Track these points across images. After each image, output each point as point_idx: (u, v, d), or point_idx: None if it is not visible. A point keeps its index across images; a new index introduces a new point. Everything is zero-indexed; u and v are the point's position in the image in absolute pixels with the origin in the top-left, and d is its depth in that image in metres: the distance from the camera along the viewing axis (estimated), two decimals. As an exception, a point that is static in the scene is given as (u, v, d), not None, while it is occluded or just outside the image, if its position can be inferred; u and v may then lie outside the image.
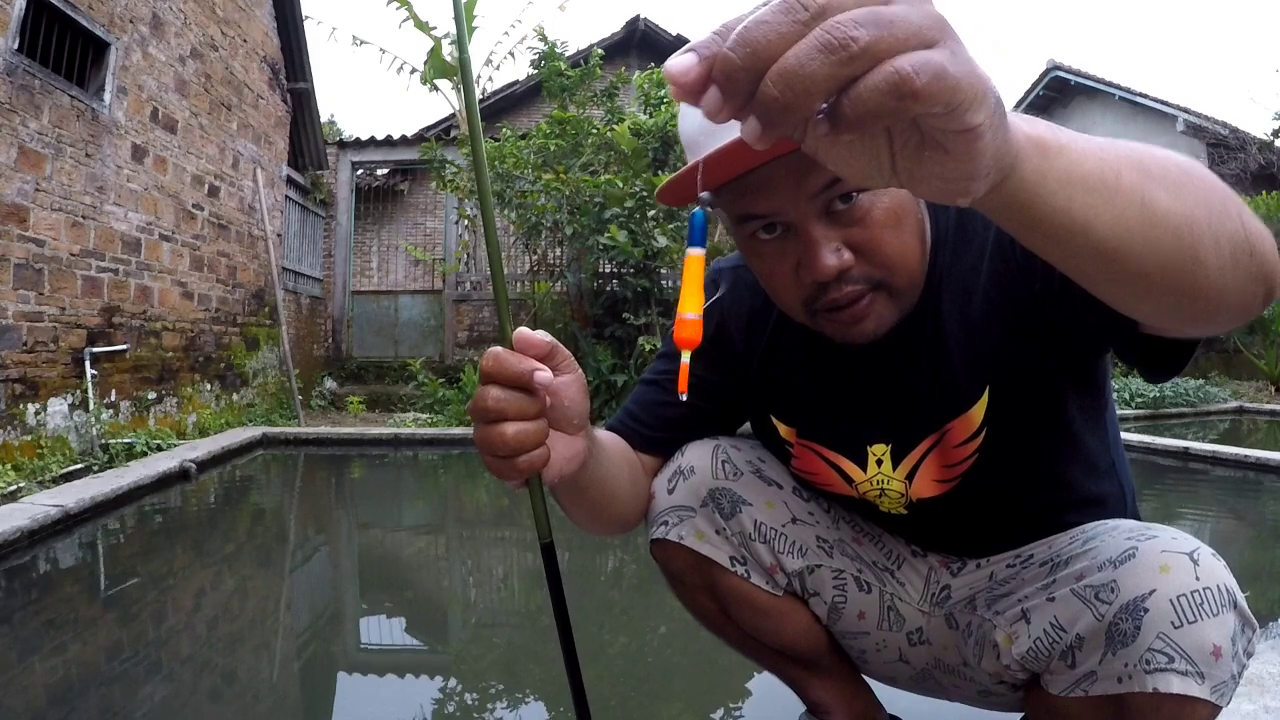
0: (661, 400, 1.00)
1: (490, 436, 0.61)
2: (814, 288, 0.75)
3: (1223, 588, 0.67)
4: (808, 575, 0.99)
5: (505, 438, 0.61)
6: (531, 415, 0.62)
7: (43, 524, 2.78)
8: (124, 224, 4.87)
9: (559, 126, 6.98)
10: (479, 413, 0.62)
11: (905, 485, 0.90)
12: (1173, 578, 0.67)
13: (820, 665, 1.06)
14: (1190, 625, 0.66)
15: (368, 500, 4.34)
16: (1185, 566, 0.68)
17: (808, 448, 0.96)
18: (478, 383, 0.63)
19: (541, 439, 0.63)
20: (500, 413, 0.61)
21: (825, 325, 0.79)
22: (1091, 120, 14.82)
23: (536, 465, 0.63)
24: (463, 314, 9.15)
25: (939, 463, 0.88)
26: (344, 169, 9.52)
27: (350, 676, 1.84)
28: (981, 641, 0.87)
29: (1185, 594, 0.67)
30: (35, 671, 1.78)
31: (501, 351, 0.62)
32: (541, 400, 0.63)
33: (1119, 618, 0.68)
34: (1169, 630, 0.66)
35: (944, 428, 0.86)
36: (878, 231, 0.73)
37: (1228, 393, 7.65)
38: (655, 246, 6.34)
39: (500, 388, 0.61)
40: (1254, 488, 3.88)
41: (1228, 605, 0.67)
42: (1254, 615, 0.70)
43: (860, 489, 0.93)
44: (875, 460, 0.91)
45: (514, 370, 0.61)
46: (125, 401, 4.87)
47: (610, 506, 0.91)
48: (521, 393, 0.61)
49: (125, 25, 4.86)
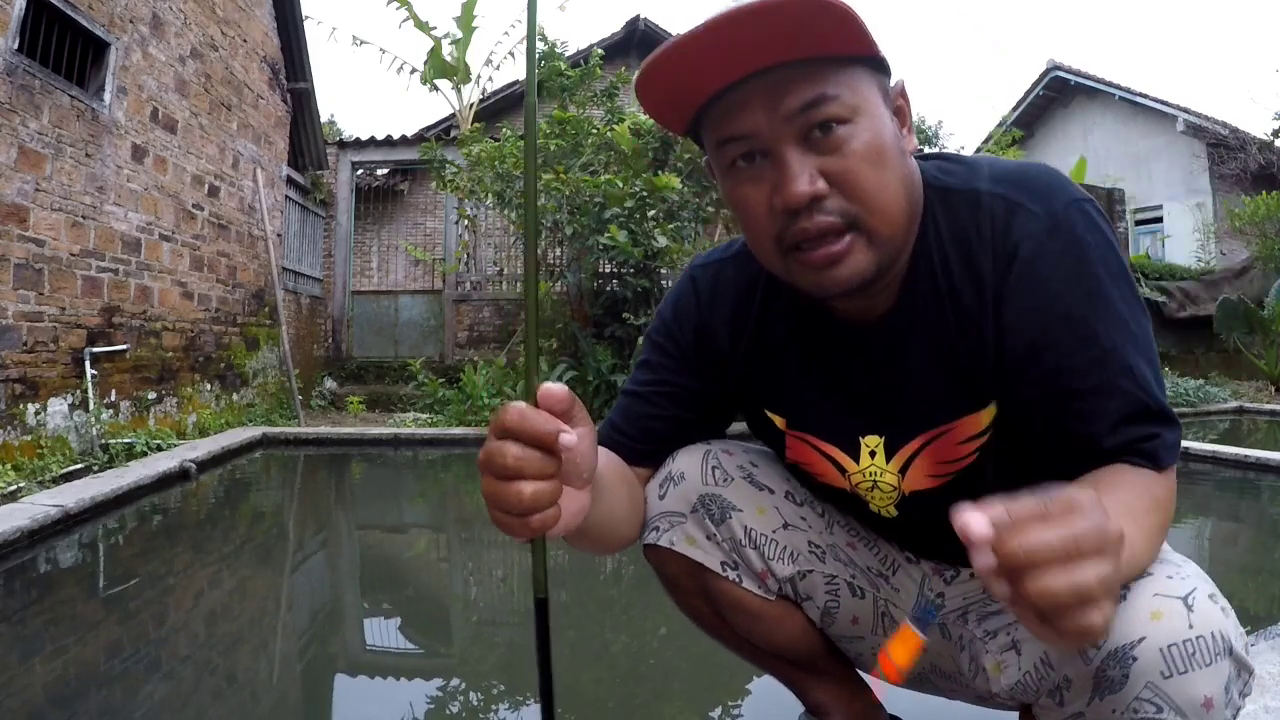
0: (646, 413, 0.97)
1: (505, 494, 0.59)
2: (786, 218, 0.72)
3: (1217, 635, 0.65)
4: (799, 581, 0.99)
5: (522, 498, 0.58)
6: (549, 475, 0.60)
7: (43, 524, 2.78)
8: (124, 224, 4.87)
9: (559, 126, 6.98)
10: (495, 469, 0.59)
11: (898, 478, 0.88)
12: (1164, 625, 0.65)
13: (817, 667, 1.06)
14: (1180, 676, 0.64)
15: (367, 500, 4.34)
16: (1178, 613, 0.66)
17: (800, 438, 0.94)
18: (490, 435, 0.60)
19: (556, 498, 0.61)
20: (519, 471, 0.58)
21: (799, 272, 0.75)
22: (1092, 120, 14.82)
23: (549, 524, 0.60)
24: (463, 314, 9.15)
25: (935, 457, 0.86)
26: (344, 169, 9.51)
27: (350, 676, 1.84)
28: (973, 659, 0.87)
29: (1177, 643, 0.65)
30: (35, 671, 1.78)
31: (525, 408, 0.59)
32: (559, 460, 0.60)
33: (1106, 664, 0.67)
34: (1158, 680, 0.64)
35: (949, 424, 0.84)
36: (855, 163, 0.71)
37: (1228, 393, 7.65)
38: (655, 246, 6.34)
39: (520, 445, 0.58)
40: (1254, 488, 3.88)
41: (1222, 653, 0.65)
42: (1253, 615, 0.70)
43: (853, 480, 0.92)
44: (868, 451, 0.89)
45: (539, 430, 0.58)
46: (125, 401, 4.87)
47: (612, 536, 0.90)
48: (541, 452, 0.59)
49: (125, 25, 4.86)
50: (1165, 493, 0.73)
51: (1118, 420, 0.73)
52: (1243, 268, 10.56)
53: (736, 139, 0.74)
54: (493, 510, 0.61)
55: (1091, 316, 0.74)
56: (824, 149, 0.71)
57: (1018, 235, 0.76)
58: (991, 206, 0.78)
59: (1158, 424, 0.74)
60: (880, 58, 0.74)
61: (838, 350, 0.88)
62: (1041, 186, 0.78)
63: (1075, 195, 0.77)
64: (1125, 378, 0.73)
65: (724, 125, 0.74)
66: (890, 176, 0.73)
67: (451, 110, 10.41)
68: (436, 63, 9.71)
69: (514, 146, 7.00)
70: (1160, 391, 0.75)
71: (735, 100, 0.72)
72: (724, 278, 0.96)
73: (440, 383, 6.73)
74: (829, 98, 0.70)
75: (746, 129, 0.73)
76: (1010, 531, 0.49)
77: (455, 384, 6.59)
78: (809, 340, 0.90)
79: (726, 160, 0.76)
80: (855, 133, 0.71)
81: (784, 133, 0.71)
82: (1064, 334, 0.75)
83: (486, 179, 7.04)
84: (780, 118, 0.71)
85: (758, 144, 0.73)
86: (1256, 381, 8.59)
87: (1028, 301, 0.76)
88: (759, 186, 0.74)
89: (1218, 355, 9.36)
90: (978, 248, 0.78)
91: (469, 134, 7.77)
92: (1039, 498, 0.51)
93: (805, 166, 0.71)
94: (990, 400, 0.82)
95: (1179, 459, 0.76)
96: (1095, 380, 0.74)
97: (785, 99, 0.70)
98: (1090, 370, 0.74)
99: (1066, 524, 0.49)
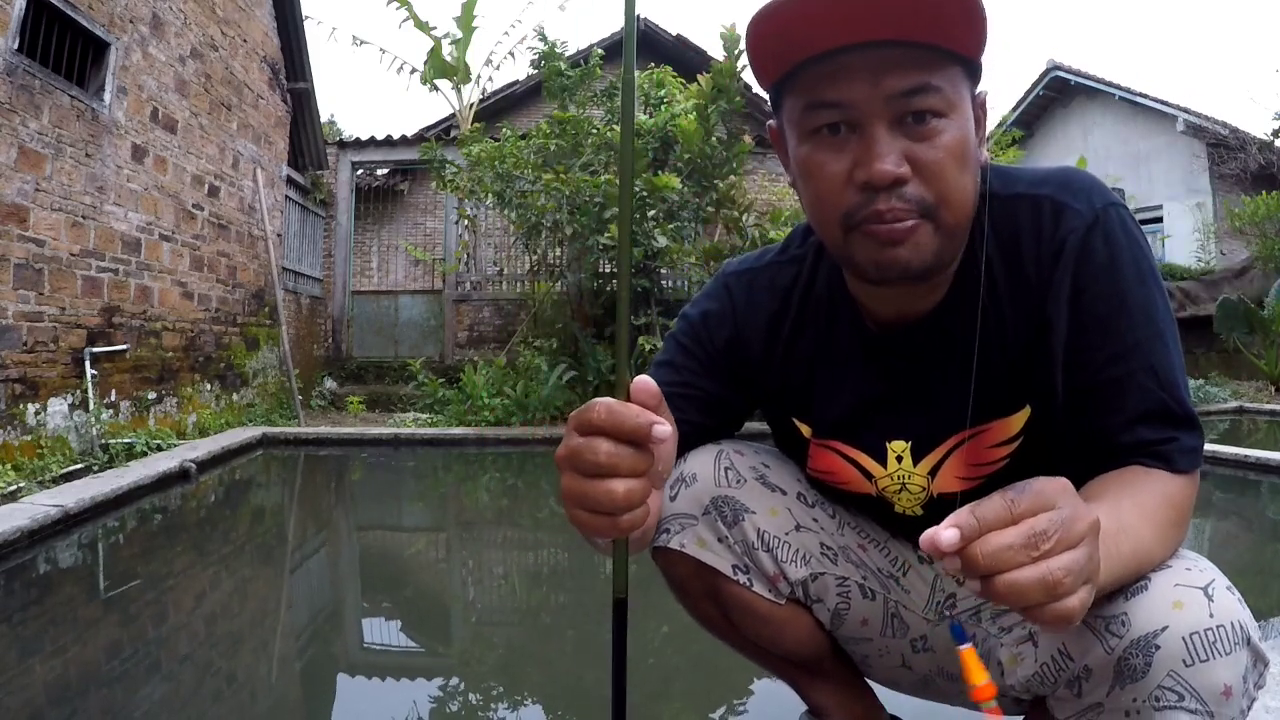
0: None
1: (596, 493, 0.56)
2: (863, 195, 0.72)
3: (1236, 624, 0.66)
4: (811, 583, 0.98)
5: (616, 496, 0.56)
6: (642, 471, 0.57)
7: (43, 524, 2.78)
8: (124, 224, 4.87)
9: (559, 126, 6.98)
10: (585, 466, 0.56)
11: (928, 480, 0.89)
12: (1186, 614, 0.66)
13: (822, 669, 1.06)
14: (1202, 664, 0.65)
15: (367, 500, 4.34)
16: (1199, 602, 0.66)
17: (826, 446, 0.94)
18: (571, 431, 0.58)
19: (647, 495, 0.58)
20: (613, 468, 0.56)
21: (859, 248, 0.74)
22: (1092, 120, 14.81)
23: (638, 523, 0.58)
24: (463, 314, 9.15)
25: (966, 460, 0.86)
26: (344, 169, 9.51)
27: (350, 677, 1.84)
28: (985, 657, 0.86)
29: (1199, 631, 0.65)
30: (35, 672, 1.78)
31: (614, 403, 0.57)
32: (651, 456, 0.58)
33: (1129, 652, 0.67)
34: (1180, 668, 0.65)
35: (980, 428, 0.84)
36: (943, 155, 0.71)
37: (1228, 393, 7.64)
38: (655, 246, 6.34)
39: (613, 442, 0.56)
40: (1254, 488, 3.88)
41: (1241, 643, 0.66)
42: (1253, 614, 0.70)
43: (880, 484, 0.92)
44: (895, 456, 0.89)
45: (632, 424, 0.56)
46: (125, 401, 4.87)
47: (646, 538, 0.90)
48: (633, 448, 0.57)
49: (125, 25, 4.86)
50: (1181, 493, 0.73)
51: (1134, 417, 0.74)
52: (1243, 268, 10.56)
53: (830, 105, 0.72)
54: (575, 510, 0.58)
55: (1119, 313, 0.75)
56: (915, 136, 0.71)
57: (1064, 231, 0.78)
58: (1040, 208, 0.79)
59: (1176, 426, 0.74)
60: (979, 63, 0.75)
61: (870, 356, 0.88)
62: (1084, 187, 0.79)
63: (1113, 198, 0.79)
64: (1147, 375, 0.74)
65: (820, 88, 0.73)
66: (968, 178, 0.74)
67: (451, 110, 10.42)
68: (436, 63, 9.71)
69: (514, 146, 6.99)
70: (1184, 394, 0.75)
71: (838, 66, 0.71)
72: (758, 287, 0.95)
73: (440, 383, 6.73)
74: (933, 88, 0.70)
75: (844, 97, 0.71)
76: (976, 535, 0.51)
77: (455, 384, 6.59)
78: (841, 347, 0.90)
79: (811, 125, 0.74)
80: (947, 127, 0.71)
81: (880, 111, 0.70)
82: (1091, 327, 0.76)
83: (486, 179, 7.04)
84: (881, 95, 0.70)
85: (851, 115, 0.72)
86: (1256, 381, 8.59)
87: (1066, 294, 0.77)
88: (840, 157, 0.73)
89: (1218, 355, 9.35)
90: (1026, 249, 0.79)
91: (469, 134, 7.77)
92: (1005, 495, 0.53)
93: (894, 147, 0.70)
94: (1024, 404, 0.82)
95: (1201, 464, 0.75)
96: (1115, 374, 0.75)
97: (891, 78, 0.70)
98: (1111, 364, 0.75)
99: (1030, 520, 0.52)
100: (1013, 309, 0.80)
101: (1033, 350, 0.80)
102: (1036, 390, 0.81)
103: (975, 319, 0.80)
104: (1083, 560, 0.52)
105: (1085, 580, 0.52)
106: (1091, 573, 0.53)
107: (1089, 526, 0.53)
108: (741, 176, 7.26)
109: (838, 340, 0.90)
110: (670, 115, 7.03)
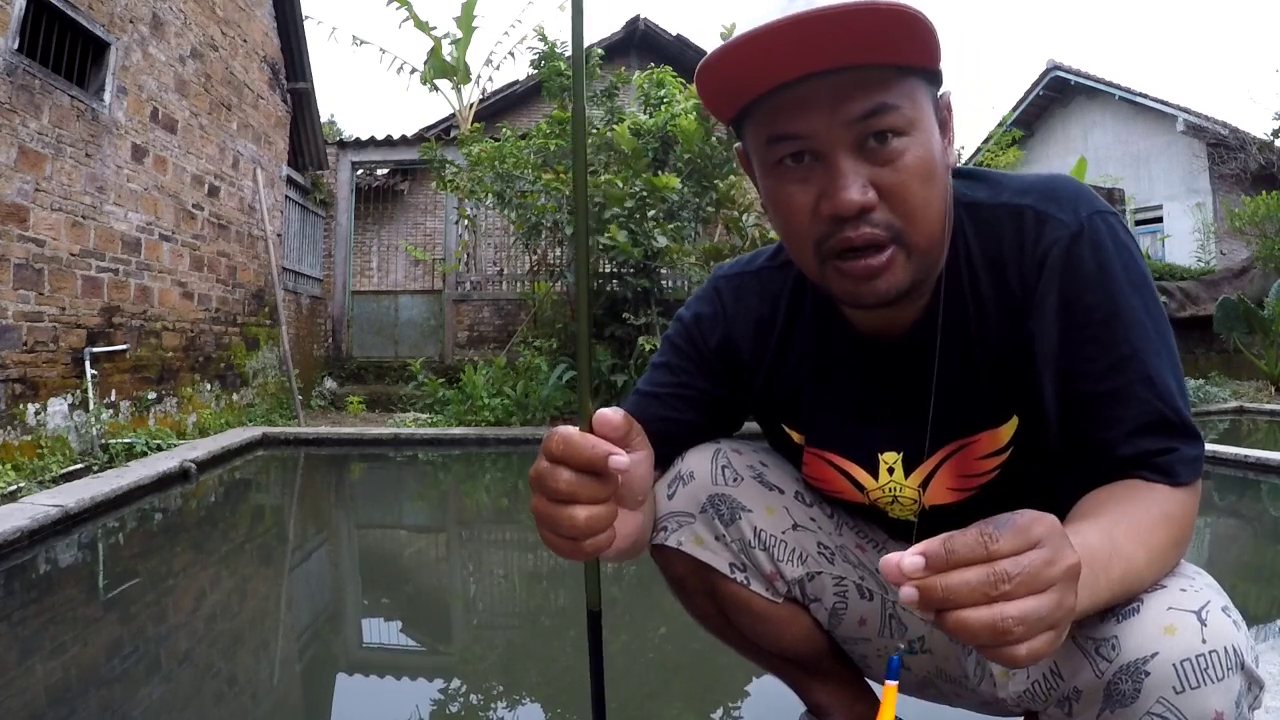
0: (661, 415, 0.96)
1: (558, 518, 0.59)
2: (831, 224, 0.72)
3: (1230, 649, 0.64)
4: (808, 582, 0.98)
5: (577, 522, 0.59)
6: (604, 499, 0.60)
7: (43, 524, 2.78)
8: (124, 224, 4.87)
9: (559, 126, 6.98)
10: (548, 492, 0.59)
11: (919, 493, 0.89)
12: (1178, 640, 0.64)
13: (821, 669, 1.06)
14: (1193, 691, 0.63)
15: (367, 500, 4.34)
16: (1192, 627, 0.65)
17: (818, 455, 0.94)
18: (541, 456, 0.60)
19: (611, 521, 0.61)
20: (572, 496, 0.59)
21: (835, 281, 0.75)
22: (1092, 120, 14.82)
23: (602, 548, 0.61)
24: (463, 314, 9.15)
25: (957, 471, 0.86)
26: (344, 169, 9.51)
27: (350, 676, 1.84)
28: (980, 663, 0.86)
29: (1190, 658, 0.64)
30: (35, 672, 1.78)
31: (571, 434, 0.59)
32: (614, 483, 0.60)
33: (1118, 677, 0.66)
34: (1170, 695, 0.64)
35: (968, 439, 0.84)
36: (907, 177, 0.70)
37: (1228, 393, 7.65)
38: (655, 246, 6.34)
39: (573, 471, 0.59)
40: (1254, 488, 3.88)
41: (1234, 668, 0.64)
42: (1253, 615, 0.70)
43: (871, 496, 0.92)
44: (886, 468, 0.89)
45: (586, 455, 0.58)
46: (125, 401, 4.87)
47: (640, 545, 0.90)
48: (594, 477, 0.59)
49: (125, 25, 4.86)
50: (1180, 509, 0.71)
51: (1133, 429, 0.73)
52: (1243, 268, 10.57)
53: (790, 137, 0.72)
54: (543, 531, 0.60)
55: (1113, 322, 0.74)
56: (878, 159, 0.70)
57: (1047, 242, 0.77)
58: (1023, 218, 0.78)
59: (1176, 437, 0.72)
60: (938, 70, 0.74)
61: (858, 366, 0.88)
62: (1068, 196, 0.78)
63: (1100, 206, 0.78)
64: (1144, 385, 0.73)
65: (778, 122, 0.72)
66: (935, 194, 0.73)
67: (451, 110, 10.42)
68: (436, 63, 9.72)
69: (514, 146, 6.99)
70: (1182, 403, 0.74)
71: (794, 98, 0.71)
72: (748, 291, 0.95)
73: (440, 383, 6.73)
74: (890, 107, 0.70)
75: (803, 129, 0.71)
76: (942, 567, 0.50)
77: (455, 384, 6.59)
78: (830, 356, 0.90)
79: (774, 157, 0.74)
80: (910, 146, 0.71)
81: (841, 138, 0.70)
82: (1084, 338, 0.75)
83: (486, 179, 7.04)
84: (839, 122, 0.70)
85: (811, 145, 0.71)
86: (1256, 381, 8.59)
87: (1053, 305, 0.76)
88: (805, 188, 0.73)
89: (1218, 355, 9.36)
90: (1009, 259, 0.79)
91: (469, 134, 7.76)
92: (985, 528, 0.51)
93: (858, 175, 0.70)
94: (1012, 414, 0.82)
95: (1201, 474, 0.74)
96: (1112, 385, 0.73)
97: (847, 104, 0.69)
98: (1108, 375, 0.74)
99: (999, 562, 0.50)
100: (997, 319, 0.80)
101: (1018, 360, 0.79)
102: (1024, 401, 0.80)
103: (958, 328, 0.80)
104: (1045, 609, 0.50)
105: (1048, 627, 0.51)
106: (1058, 620, 0.51)
107: (1064, 572, 0.51)
108: (741, 176, 7.25)
109: (827, 350, 0.90)
110: (670, 115, 7.03)
